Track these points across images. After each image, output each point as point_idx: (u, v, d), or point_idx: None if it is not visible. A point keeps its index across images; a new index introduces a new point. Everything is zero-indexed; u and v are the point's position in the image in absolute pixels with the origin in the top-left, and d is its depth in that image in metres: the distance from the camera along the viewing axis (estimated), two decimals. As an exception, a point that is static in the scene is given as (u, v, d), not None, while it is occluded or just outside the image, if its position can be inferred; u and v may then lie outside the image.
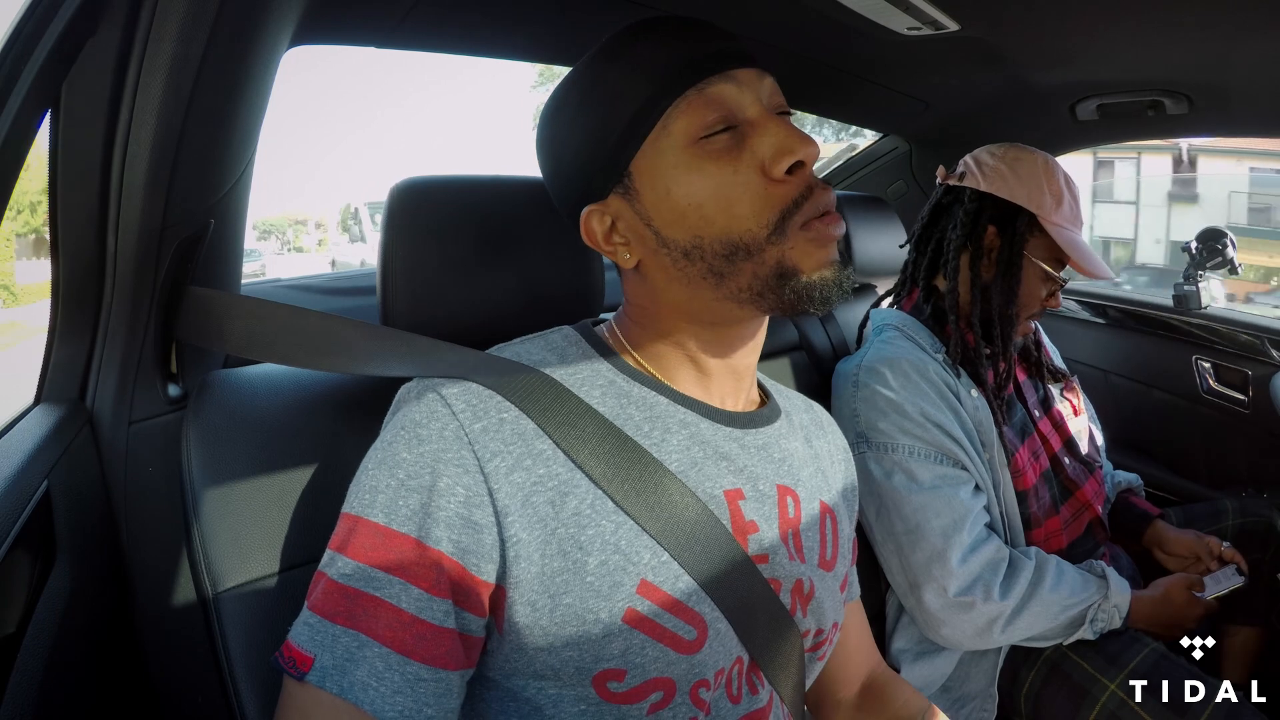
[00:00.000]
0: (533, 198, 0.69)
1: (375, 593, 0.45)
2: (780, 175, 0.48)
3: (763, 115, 0.49)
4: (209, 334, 0.65)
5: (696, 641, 0.48)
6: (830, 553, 0.60)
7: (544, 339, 0.56)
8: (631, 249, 0.53)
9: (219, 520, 0.60)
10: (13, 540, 0.49)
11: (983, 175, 0.98)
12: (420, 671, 0.44)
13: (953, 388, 0.95)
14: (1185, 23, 0.90)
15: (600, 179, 0.52)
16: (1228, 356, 1.49)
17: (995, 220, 0.97)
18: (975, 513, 0.91)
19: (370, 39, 0.88)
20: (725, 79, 0.49)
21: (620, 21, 0.53)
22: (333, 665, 0.44)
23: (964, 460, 0.92)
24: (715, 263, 0.49)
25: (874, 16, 0.87)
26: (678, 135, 0.49)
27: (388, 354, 0.57)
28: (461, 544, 0.46)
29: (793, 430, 0.61)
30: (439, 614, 0.45)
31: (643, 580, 0.47)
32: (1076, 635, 0.91)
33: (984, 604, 0.88)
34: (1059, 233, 0.95)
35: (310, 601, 0.47)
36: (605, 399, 0.52)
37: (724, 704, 0.51)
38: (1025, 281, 0.97)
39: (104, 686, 0.63)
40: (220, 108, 0.60)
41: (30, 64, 0.47)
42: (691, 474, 0.51)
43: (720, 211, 0.48)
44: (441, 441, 0.47)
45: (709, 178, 0.48)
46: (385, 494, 0.47)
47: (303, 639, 0.45)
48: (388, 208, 0.64)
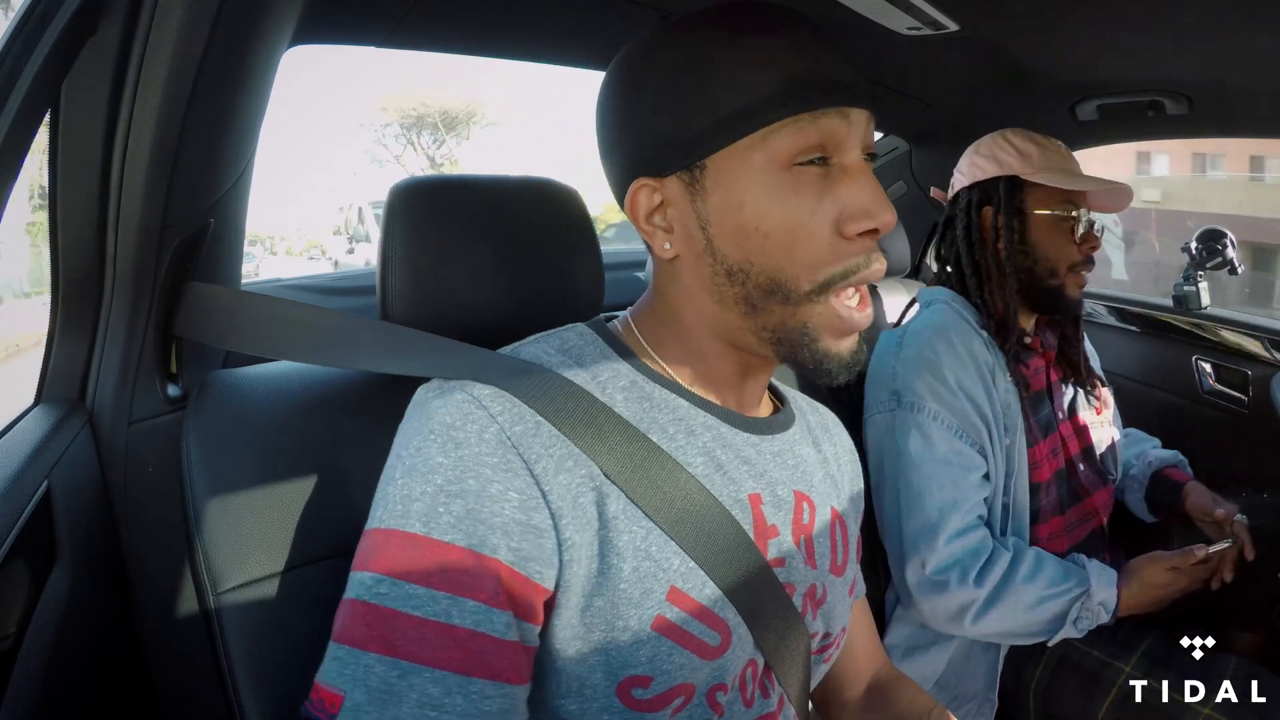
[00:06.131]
0: (533, 198, 0.69)
1: (416, 612, 0.41)
2: (852, 234, 0.47)
3: (858, 165, 0.47)
4: (211, 330, 0.65)
5: (720, 647, 0.48)
6: (841, 558, 0.60)
7: (559, 338, 0.53)
8: (673, 240, 0.50)
9: (219, 520, 0.60)
10: (13, 540, 0.49)
11: (962, 175, 1.04)
12: (485, 689, 0.41)
13: (990, 367, 0.97)
14: (1185, 23, 0.90)
15: (667, 156, 0.48)
16: (1228, 356, 1.49)
17: (984, 203, 1.01)
18: (975, 500, 0.91)
19: (370, 39, 0.88)
20: (842, 114, 0.47)
21: (620, 21, 0.52)
22: (367, 701, 0.40)
23: (984, 440, 0.93)
24: (753, 293, 0.48)
25: (874, 16, 0.87)
26: (776, 152, 0.46)
27: (401, 351, 0.56)
28: (522, 551, 0.43)
29: (805, 435, 0.60)
30: (500, 626, 0.42)
31: (672, 587, 0.46)
32: (1061, 634, 0.90)
33: (958, 588, 0.88)
34: (1039, 178, 0.97)
35: (335, 632, 0.43)
36: (628, 402, 0.50)
37: (737, 707, 0.51)
38: (1044, 236, 0.98)
39: (104, 686, 0.63)
40: (220, 108, 0.60)
41: (30, 64, 0.47)
42: (716, 478, 0.50)
43: (781, 247, 0.47)
44: (482, 445, 0.44)
45: (787, 209, 0.46)
46: (421, 502, 0.43)
47: (331, 676, 0.41)
48: (387, 207, 0.64)
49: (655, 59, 0.49)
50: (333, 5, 0.75)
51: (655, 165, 0.49)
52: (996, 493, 0.95)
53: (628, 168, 0.50)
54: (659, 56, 0.49)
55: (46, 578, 0.56)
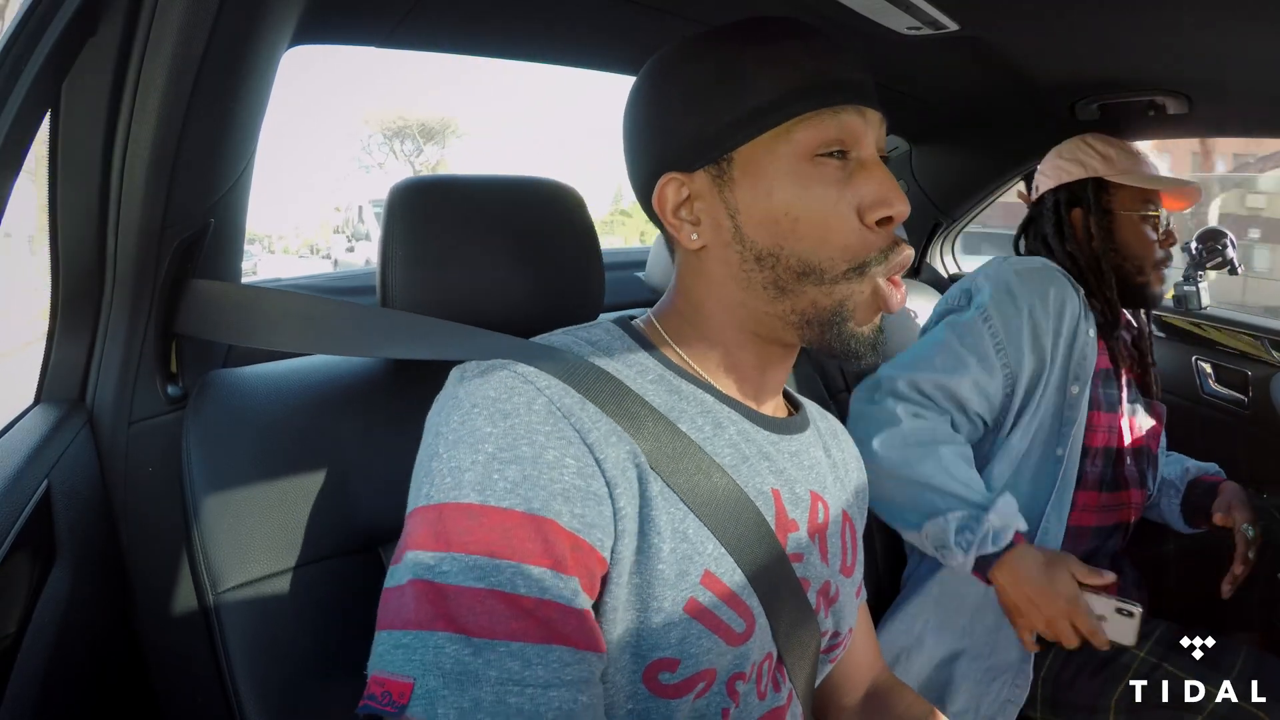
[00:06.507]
0: (533, 197, 0.69)
1: (480, 584, 0.39)
2: (872, 223, 0.49)
3: (874, 160, 0.51)
4: (216, 327, 0.65)
5: (745, 634, 0.49)
6: (850, 559, 0.61)
7: (586, 331, 0.54)
8: (701, 231, 0.52)
9: (219, 520, 0.60)
10: (13, 540, 0.49)
11: (1046, 177, 1.11)
12: (564, 655, 0.39)
13: (1076, 317, 1.00)
14: (1185, 22, 0.90)
15: (695, 151, 0.50)
16: (1228, 356, 1.49)
17: (1073, 204, 1.07)
18: (963, 393, 0.96)
19: (370, 39, 0.88)
20: (858, 112, 0.50)
21: (621, 22, 0.53)
22: (442, 685, 0.37)
23: (1019, 372, 0.97)
24: (784, 276, 0.50)
25: (874, 16, 0.87)
26: (799, 143, 0.49)
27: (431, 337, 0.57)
28: (585, 517, 0.42)
29: (817, 439, 0.61)
30: (567, 593, 0.40)
31: (706, 571, 0.47)
32: (932, 535, 0.87)
33: (895, 406, 0.93)
34: (1125, 179, 1.04)
35: (388, 621, 0.40)
36: (658, 392, 0.51)
37: (752, 699, 0.51)
38: (1130, 235, 1.05)
39: (104, 686, 0.63)
40: (220, 108, 0.60)
41: (30, 64, 0.47)
42: (742, 469, 0.51)
43: (813, 231, 0.49)
44: (532, 415, 0.43)
45: (814, 197, 0.49)
46: (473, 471, 0.41)
47: (394, 664, 0.38)
48: (388, 206, 0.64)
49: (683, 68, 0.52)
50: (333, 5, 0.75)
51: (684, 162, 0.51)
52: (1051, 443, 0.98)
53: (655, 167, 0.52)
54: (687, 65, 0.52)
55: (46, 577, 0.56)
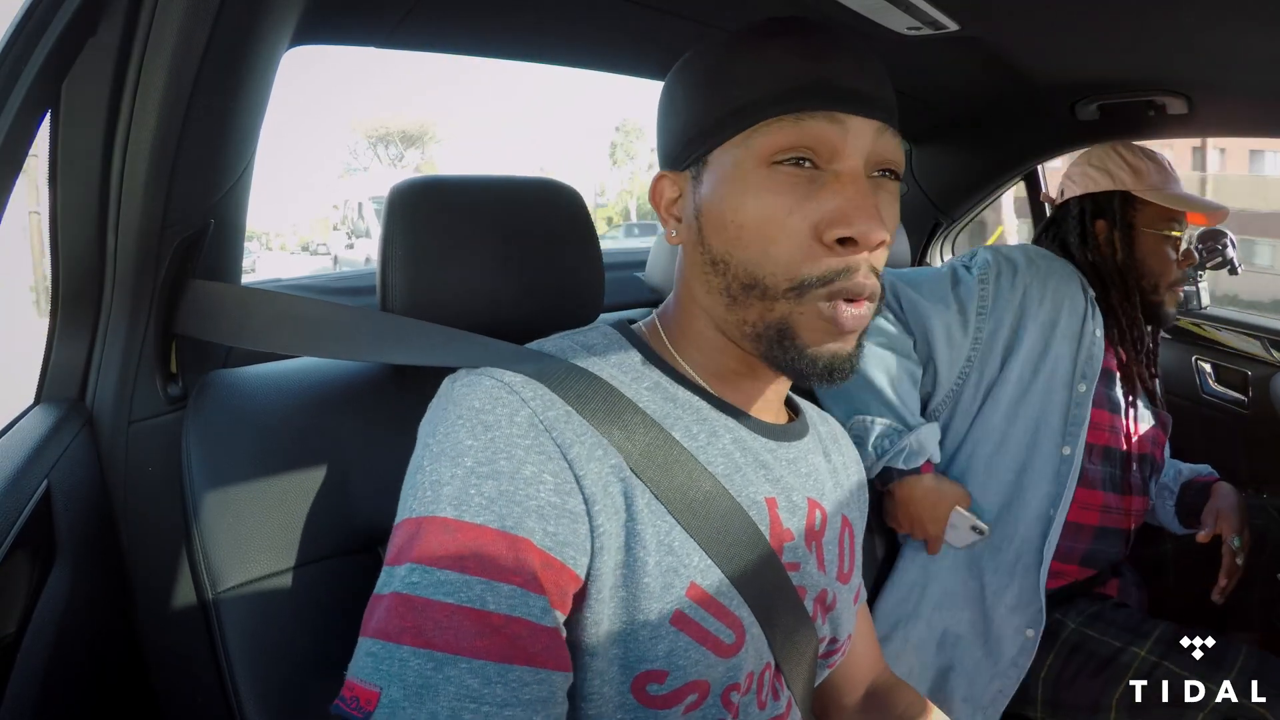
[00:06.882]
0: (533, 197, 0.69)
1: (449, 599, 0.39)
2: (831, 241, 0.46)
3: (852, 174, 0.47)
4: (216, 328, 0.65)
5: (734, 645, 0.48)
6: (848, 565, 0.60)
7: (583, 335, 0.54)
8: (680, 230, 0.53)
9: (219, 520, 0.60)
10: (13, 540, 0.49)
11: (1073, 183, 1.09)
12: (524, 675, 0.40)
13: (1081, 316, 0.99)
14: (1185, 22, 0.90)
15: (682, 151, 0.52)
16: (1228, 356, 1.49)
17: (1098, 215, 1.06)
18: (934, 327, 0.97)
19: (370, 39, 0.88)
20: (830, 119, 0.46)
21: (621, 22, 0.53)
22: (404, 697, 0.38)
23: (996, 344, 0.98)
24: (733, 285, 0.49)
25: (874, 16, 0.87)
26: (756, 149, 0.47)
27: (420, 343, 0.57)
28: (558, 536, 0.42)
29: (817, 445, 0.61)
30: (536, 610, 0.41)
31: (692, 583, 0.46)
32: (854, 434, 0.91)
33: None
34: (1155, 196, 1.01)
35: (367, 628, 0.41)
36: (653, 399, 0.50)
37: (752, 709, 0.51)
38: (1150, 253, 1.03)
39: (104, 686, 0.63)
40: (220, 108, 0.60)
41: (30, 64, 0.47)
42: (735, 478, 0.51)
43: (755, 243, 0.47)
44: (513, 427, 0.43)
45: (761, 205, 0.47)
46: (451, 485, 0.42)
47: (365, 671, 0.39)
48: (388, 206, 0.64)
49: (687, 69, 0.53)
50: (333, 5, 0.75)
51: (673, 161, 0.53)
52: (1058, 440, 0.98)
53: (660, 163, 0.55)
54: (690, 66, 0.52)
55: (46, 577, 0.56)
